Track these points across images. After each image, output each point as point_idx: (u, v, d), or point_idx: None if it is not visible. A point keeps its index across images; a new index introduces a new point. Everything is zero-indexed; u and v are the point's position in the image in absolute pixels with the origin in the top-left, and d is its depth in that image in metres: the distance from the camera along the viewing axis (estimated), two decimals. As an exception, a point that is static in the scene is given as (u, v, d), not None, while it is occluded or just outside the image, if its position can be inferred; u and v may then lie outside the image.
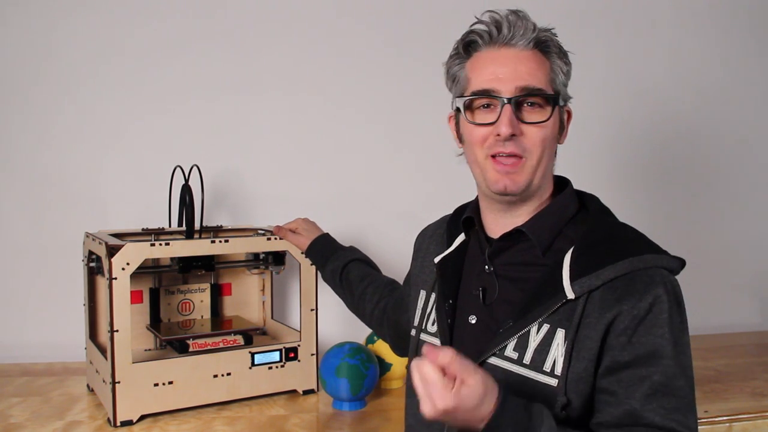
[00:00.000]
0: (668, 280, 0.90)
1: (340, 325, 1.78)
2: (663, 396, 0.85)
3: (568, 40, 0.99)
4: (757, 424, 1.36)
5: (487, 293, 1.00)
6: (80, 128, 1.72)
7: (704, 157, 2.08)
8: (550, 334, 0.90)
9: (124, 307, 1.27)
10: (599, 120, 1.96)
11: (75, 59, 1.71)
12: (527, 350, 0.91)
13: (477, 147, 0.97)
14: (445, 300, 1.04)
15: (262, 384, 1.41)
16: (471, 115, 0.98)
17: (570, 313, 0.90)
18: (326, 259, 1.42)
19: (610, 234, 0.95)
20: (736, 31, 2.08)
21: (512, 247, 0.99)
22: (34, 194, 1.71)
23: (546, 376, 0.90)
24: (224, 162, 1.77)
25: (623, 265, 0.89)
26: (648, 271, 0.89)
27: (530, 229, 0.97)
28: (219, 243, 1.39)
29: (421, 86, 1.80)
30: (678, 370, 0.86)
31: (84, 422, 1.30)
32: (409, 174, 1.87)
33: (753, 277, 2.14)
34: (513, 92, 0.93)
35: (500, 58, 0.95)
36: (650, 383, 0.86)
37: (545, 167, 0.97)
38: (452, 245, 1.09)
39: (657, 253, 0.91)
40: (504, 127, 0.92)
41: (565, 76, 0.99)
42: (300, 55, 1.81)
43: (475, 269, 1.03)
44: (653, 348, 0.86)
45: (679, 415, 0.85)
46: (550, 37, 0.97)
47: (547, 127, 0.95)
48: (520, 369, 0.91)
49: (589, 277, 0.89)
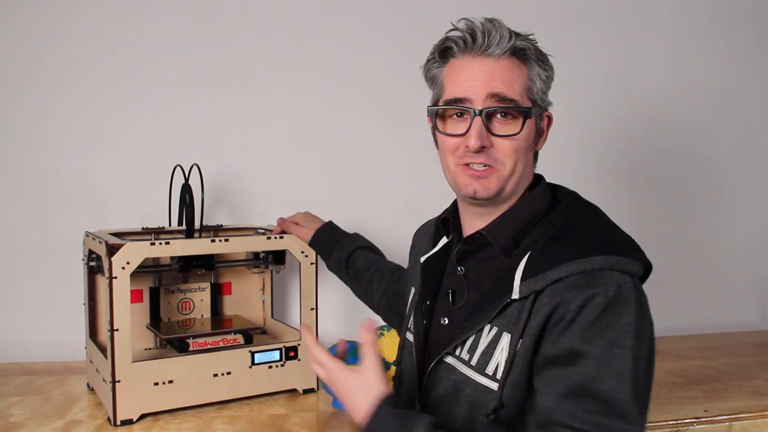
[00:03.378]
0: (616, 281, 0.85)
1: (340, 324, 1.79)
2: (580, 397, 0.82)
3: (568, 41, 0.99)
4: (757, 423, 1.36)
5: (456, 295, 1.01)
6: (80, 127, 1.72)
7: (704, 157, 2.08)
8: (497, 337, 0.90)
9: (124, 307, 1.27)
10: (598, 119, 1.96)
11: (75, 58, 1.71)
12: (476, 352, 0.92)
13: (449, 155, 0.98)
14: (423, 301, 1.05)
15: (262, 383, 1.41)
16: (443, 124, 0.99)
17: (518, 316, 0.89)
18: (331, 249, 1.43)
19: (570, 233, 0.92)
20: (737, 31, 2.08)
21: (480, 250, 0.99)
22: (33, 193, 1.71)
23: (488, 379, 0.90)
24: (224, 161, 1.77)
25: (569, 267, 0.86)
26: (593, 273, 0.85)
27: (490, 232, 0.97)
28: (219, 242, 1.39)
29: (420, 82, 1.80)
30: (606, 373, 0.81)
31: (84, 421, 1.30)
32: (409, 174, 1.87)
33: (752, 276, 2.14)
34: (484, 102, 0.93)
35: (474, 67, 0.94)
36: (568, 383, 0.82)
37: (519, 176, 0.96)
38: (437, 246, 1.09)
39: (613, 254, 0.86)
40: (473, 140, 0.92)
41: (544, 83, 0.97)
42: (300, 53, 1.81)
43: (450, 270, 1.04)
44: (573, 348, 0.83)
45: (602, 419, 0.80)
46: (528, 45, 0.95)
47: (519, 140, 0.94)
48: (468, 370, 0.93)
49: (535, 279, 0.87)
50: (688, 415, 1.34)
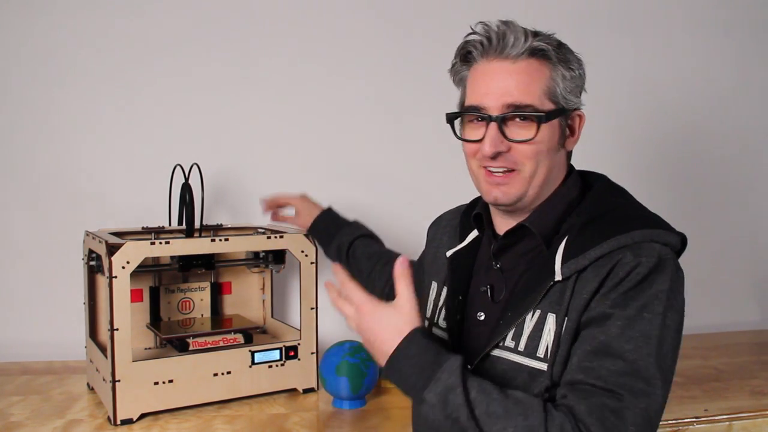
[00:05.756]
0: (657, 252, 0.87)
1: (340, 323, 1.78)
2: (605, 357, 0.83)
3: (571, 42, 0.99)
4: (757, 422, 1.36)
5: (495, 290, 1.01)
6: (80, 127, 1.72)
7: (704, 156, 2.08)
8: (542, 319, 0.91)
9: (124, 306, 1.27)
10: (600, 118, 1.96)
11: (75, 57, 1.71)
12: (522, 337, 0.92)
13: (470, 159, 0.99)
14: (454, 296, 1.04)
15: (262, 382, 1.41)
16: (462, 129, 1.00)
17: (560, 296, 0.90)
18: (331, 237, 1.44)
19: (605, 214, 0.94)
20: (739, 30, 2.08)
21: (517, 243, 1.00)
22: (33, 193, 1.71)
23: (539, 361, 0.90)
24: (224, 161, 1.77)
25: (610, 243, 0.88)
26: (635, 245, 0.88)
27: (533, 223, 0.97)
28: (219, 242, 1.39)
29: (423, 82, 1.80)
30: (631, 334, 0.83)
31: (84, 421, 1.30)
32: (410, 173, 1.87)
33: (752, 275, 2.14)
34: (500, 109, 0.93)
35: (491, 72, 0.94)
36: (594, 342, 0.85)
37: (543, 178, 0.96)
38: (465, 240, 1.09)
39: (649, 227, 0.89)
40: (486, 147, 0.93)
41: (571, 82, 0.95)
42: (300, 53, 1.81)
43: (484, 265, 1.04)
44: (605, 311, 0.85)
45: (624, 378, 0.82)
46: (547, 45, 0.93)
47: (537, 143, 0.93)
48: (516, 357, 0.92)
49: (576, 259, 0.89)
50: (688, 415, 1.34)
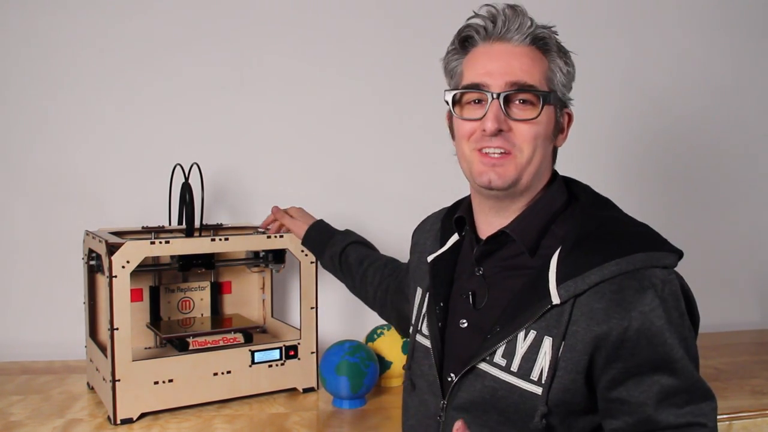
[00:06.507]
0: (660, 279, 0.86)
1: (340, 323, 1.79)
2: (674, 395, 0.85)
3: (569, 40, 0.99)
4: (757, 422, 1.36)
5: (477, 297, 0.98)
6: (80, 126, 1.72)
7: (704, 155, 2.08)
8: (538, 342, 0.88)
9: (124, 306, 1.27)
10: (599, 116, 1.96)
11: (75, 57, 1.71)
12: (515, 357, 0.90)
13: (464, 141, 0.95)
14: (436, 303, 1.01)
15: (262, 382, 1.41)
16: (460, 110, 0.96)
17: (557, 318, 0.87)
18: (324, 246, 1.42)
19: (598, 230, 0.91)
20: (739, 30, 2.08)
21: (500, 249, 0.97)
22: (33, 192, 1.71)
23: (532, 384, 0.88)
24: (224, 160, 1.77)
25: (610, 268, 0.85)
26: (637, 273, 0.85)
27: (515, 230, 0.94)
28: (219, 241, 1.39)
29: (420, 84, 1.79)
30: (684, 364, 0.85)
31: (84, 420, 1.30)
32: (410, 173, 1.87)
33: (753, 275, 2.14)
34: (503, 87, 0.91)
35: (493, 52, 0.93)
36: (659, 387, 0.85)
37: (537, 166, 0.93)
38: (446, 245, 1.06)
39: (648, 250, 0.87)
40: (489, 123, 0.90)
41: (565, 77, 0.95)
42: (300, 53, 1.81)
43: (466, 271, 1.01)
44: (658, 356, 0.84)
45: (692, 407, 0.85)
46: (549, 35, 0.93)
47: (538, 124, 0.92)
48: (508, 377, 0.90)
49: (574, 281, 0.86)
50: (688, 414, 1.34)
